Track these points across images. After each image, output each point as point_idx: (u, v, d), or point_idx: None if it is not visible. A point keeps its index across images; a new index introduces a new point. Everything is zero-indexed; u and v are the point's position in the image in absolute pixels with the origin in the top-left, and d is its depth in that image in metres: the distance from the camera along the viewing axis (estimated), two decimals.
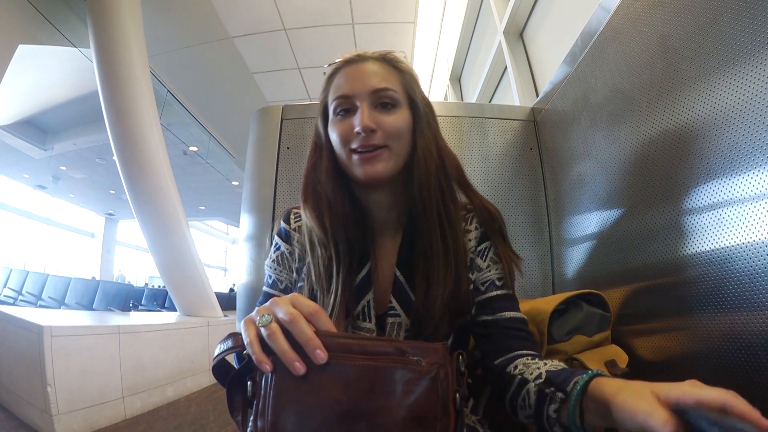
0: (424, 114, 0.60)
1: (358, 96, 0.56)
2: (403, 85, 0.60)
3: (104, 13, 2.98)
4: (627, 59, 0.76)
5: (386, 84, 0.57)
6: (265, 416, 0.37)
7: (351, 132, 0.56)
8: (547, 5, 1.60)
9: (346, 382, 0.37)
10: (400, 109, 0.58)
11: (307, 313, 0.40)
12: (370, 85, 0.56)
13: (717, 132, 0.55)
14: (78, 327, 2.30)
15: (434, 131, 0.62)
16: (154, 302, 4.98)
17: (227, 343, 0.44)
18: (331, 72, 0.62)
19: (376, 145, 0.56)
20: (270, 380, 0.38)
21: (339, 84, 0.59)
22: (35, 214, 10.05)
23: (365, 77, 0.57)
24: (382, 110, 0.57)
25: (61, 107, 5.44)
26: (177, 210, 3.25)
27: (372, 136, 0.55)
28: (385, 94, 0.57)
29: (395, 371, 0.37)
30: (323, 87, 0.63)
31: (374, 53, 0.61)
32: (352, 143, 0.56)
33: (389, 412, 0.37)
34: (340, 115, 0.58)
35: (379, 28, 3.84)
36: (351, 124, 0.56)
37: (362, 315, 0.58)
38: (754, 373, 0.49)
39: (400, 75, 0.60)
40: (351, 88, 0.57)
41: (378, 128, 0.55)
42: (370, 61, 0.59)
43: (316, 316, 0.40)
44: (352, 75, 0.58)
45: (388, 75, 0.59)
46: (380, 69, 0.59)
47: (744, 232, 0.50)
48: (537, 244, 1.12)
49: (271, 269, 0.66)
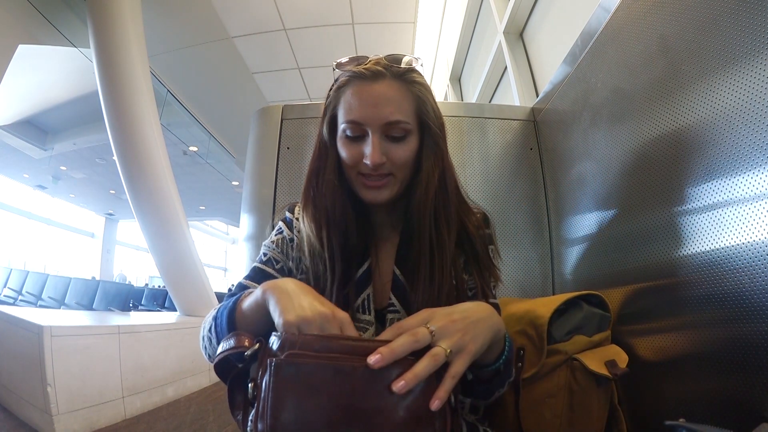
0: (434, 135, 0.59)
1: (370, 125, 0.56)
2: (415, 110, 0.58)
3: (104, 13, 2.98)
4: (627, 59, 0.76)
5: (399, 116, 0.55)
6: (265, 418, 0.37)
7: (360, 160, 0.57)
8: (547, 5, 1.60)
9: (344, 383, 0.37)
10: (410, 137, 0.58)
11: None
12: (384, 117, 0.55)
13: (717, 132, 0.55)
14: (78, 327, 2.30)
15: (441, 153, 0.60)
16: (154, 302, 4.97)
17: (230, 342, 0.44)
18: (342, 82, 0.59)
19: (384, 174, 0.57)
20: (269, 382, 0.38)
21: (350, 105, 0.56)
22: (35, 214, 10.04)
23: (378, 105, 0.55)
24: (392, 141, 0.57)
25: (61, 107, 5.43)
26: (177, 210, 3.25)
27: (380, 167, 0.56)
28: (397, 127, 0.56)
29: (392, 371, 0.37)
30: (332, 94, 0.60)
31: (388, 65, 0.57)
32: (361, 169, 0.57)
33: (387, 413, 0.37)
34: (350, 138, 0.58)
35: (379, 28, 3.84)
36: (360, 152, 0.56)
37: (361, 308, 0.60)
38: (755, 374, 0.49)
39: (414, 98, 0.58)
40: (363, 115, 0.55)
41: (387, 160, 0.56)
42: (385, 83, 0.56)
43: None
44: (365, 99, 0.56)
45: (402, 102, 0.56)
46: (395, 94, 0.56)
47: (744, 232, 0.50)
48: (537, 244, 1.12)
49: (269, 248, 0.66)
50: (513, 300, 0.91)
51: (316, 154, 0.64)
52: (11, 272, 5.94)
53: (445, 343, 0.39)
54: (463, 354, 0.40)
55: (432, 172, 0.59)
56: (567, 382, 0.70)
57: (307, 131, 1.19)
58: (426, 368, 0.37)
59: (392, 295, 0.60)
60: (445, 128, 0.62)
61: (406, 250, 0.61)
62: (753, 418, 0.49)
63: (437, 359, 0.38)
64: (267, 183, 1.14)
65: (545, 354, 0.72)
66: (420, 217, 0.58)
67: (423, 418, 0.37)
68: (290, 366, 0.38)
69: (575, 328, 0.73)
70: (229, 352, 0.43)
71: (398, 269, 0.61)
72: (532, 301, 0.82)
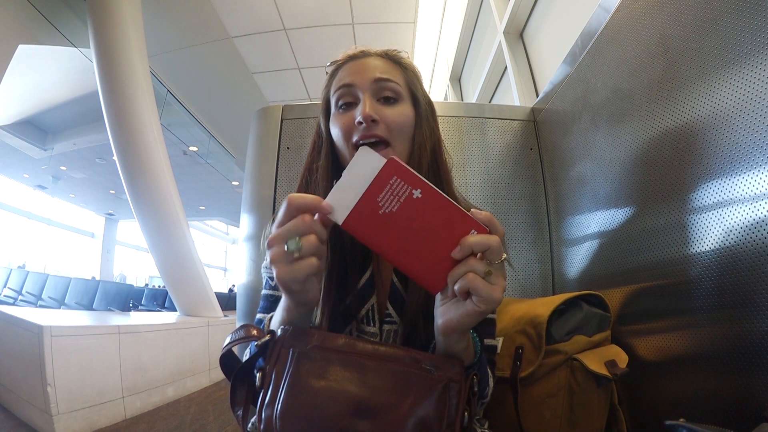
0: (424, 111, 0.60)
1: (360, 86, 0.56)
2: (405, 81, 0.59)
3: (104, 13, 2.99)
4: (627, 59, 0.76)
5: (388, 75, 0.57)
6: (274, 404, 0.38)
7: (352, 124, 0.55)
8: (547, 5, 1.60)
9: (360, 377, 0.39)
10: (402, 103, 0.58)
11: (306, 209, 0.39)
12: (373, 75, 0.56)
13: (717, 132, 0.55)
14: (78, 327, 2.30)
15: (432, 129, 0.61)
16: (154, 302, 4.98)
17: (239, 333, 0.44)
18: (334, 68, 0.62)
19: (378, 136, 0.54)
20: (289, 369, 0.39)
21: (342, 77, 0.58)
22: (35, 214, 10.05)
23: (368, 69, 0.57)
24: (384, 103, 0.56)
25: (61, 107, 5.44)
26: (177, 210, 3.25)
27: (374, 126, 0.54)
28: (387, 85, 0.56)
29: (409, 376, 0.38)
30: (325, 84, 0.62)
31: (377, 50, 0.61)
32: (354, 136, 0.55)
33: (397, 414, 0.37)
34: (342, 108, 0.57)
35: (379, 28, 3.84)
36: (353, 116, 0.55)
37: (366, 319, 0.56)
38: (755, 374, 0.49)
39: (403, 71, 0.60)
40: (353, 78, 0.56)
41: (380, 120, 0.54)
42: (373, 56, 0.59)
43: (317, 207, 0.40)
44: (354, 68, 0.58)
45: (391, 69, 0.59)
46: (383, 63, 0.59)
47: (744, 232, 0.50)
48: (537, 244, 1.12)
49: (269, 272, 0.63)
50: (513, 300, 0.91)
51: (310, 149, 0.63)
52: (11, 272, 5.94)
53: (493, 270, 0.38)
54: (497, 289, 0.37)
55: (424, 143, 0.58)
56: (567, 382, 0.70)
57: (307, 131, 1.19)
58: (477, 242, 0.36)
59: (389, 304, 0.56)
60: (435, 111, 0.63)
61: None
62: (753, 418, 0.49)
63: (485, 254, 0.37)
64: (267, 183, 1.14)
65: (543, 353, 0.72)
66: None
67: (430, 428, 0.38)
68: (313, 357, 0.40)
69: (575, 328, 0.73)
70: (238, 341, 0.44)
71: (396, 276, 0.57)
72: (531, 301, 0.82)
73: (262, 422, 0.38)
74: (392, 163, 0.38)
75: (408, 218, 0.38)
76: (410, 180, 0.38)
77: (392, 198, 0.38)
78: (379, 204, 0.38)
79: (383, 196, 0.38)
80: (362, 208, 0.38)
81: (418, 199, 0.38)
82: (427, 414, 0.38)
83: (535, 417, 0.70)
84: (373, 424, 0.37)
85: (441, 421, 0.38)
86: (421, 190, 0.38)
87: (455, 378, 0.40)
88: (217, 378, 3.49)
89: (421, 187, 0.38)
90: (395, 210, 0.38)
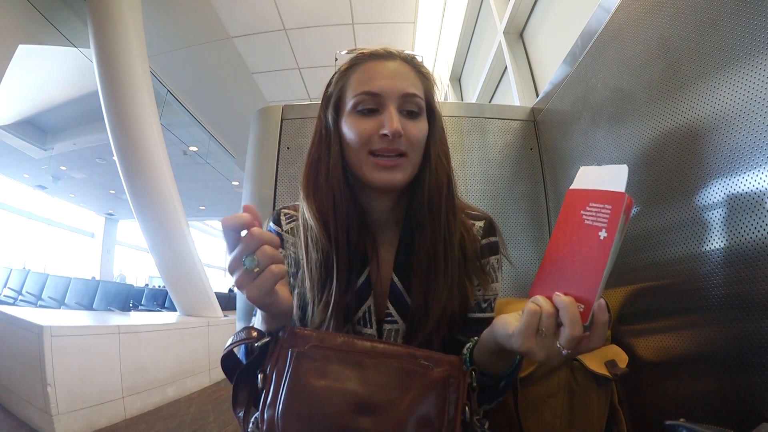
0: (438, 120, 0.59)
1: (388, 97, 0.54)
2: (425, 92, 0.58)
3: (104, 13, 2.98)
4: (627, 59, 0.76)
5: (415, 90, 0.56)
6: (275, 405, 0.39)
7: (375, 133, 0.53)
8: (547, 5, 1.60)
9: (360, 374, 0.39)
10: (422, 117, 0.57)
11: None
12: (402, 89, 0.54)
13: (717, 132, 0.55)
14: (78, 327, 2.30)
15: (444, 140, 0.61)
16: (154, 302, 4.97)
17: (241, 335, 0.45)
18: (352, 62, 0.58)
19: (400, 151, 0.53)
20: (289, 369, 0.40)
21: (365, 78, 0.55)
22: (35, 214, 10.04)
23: (396, 77, 0.55)
24: (407, 117, 0.55)
25: (61, 107, 5.43)
26: (177, 210, 3.25)
27: (398, 141, 0.53)
28: (413, 100, 0.55)
29: (408, 372, 0.39)
30: (338, 76, 0.59)
31: (400, 52, 0.58)
32: (374, 145, 0.53)
33: (397, 410, 0.38)
34: (363, 113, 0.54)
35: (379, 28, 3.84)
36: (374, 126, 0.53)
37: (362, 321, 0.56)
38: (755, 374, 0.49)
39: (424, 81, 0.59)
40: (381, 86, 0.54)
41: (404, 135, 0.53)
42: (399, 62, 0.57)
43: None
44: (381, 72, 0.55)
45: (416, 81, 0.57)
46: (409, 72, 0.57)
47: (743, 232, 0.50)
48: (537, 244, 1.12)
49: None
50: (513, 300, 0.91)
51: (316, 141, 0.59)
52: (11, 272, 5.94)
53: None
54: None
55: (441, 157, 0.58)
56: (567, 382, 0.70)
57: (307, 131, 1.19)
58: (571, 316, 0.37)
59: (390, 304, 0.57)
60: (442, 120, 0.63)
61: (405, 255, 0.58)
62: (753, 418, 0.49)
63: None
64: (267, 183, 1.14)
65: None
66: (435, 203, 0.55)
67: (431, 423, 0.38)
68: (311, 356, 0.40)
69: None
70: (239, 343, 0.44)
71: (396, 276, 0.57)
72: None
73: (264, 422, 0.38)
74: (629, 202, 0.39)
75: (580, 242, 0.40)
76: (614, 221, 0.39)
77: (595, 217, 0.40)
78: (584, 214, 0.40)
79: (593, 211, 0.40)
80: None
81: (600, 238, 0.39)
82: (428, 410, 0.38)
83: (535, 417, 0.70)
84: (373, 421, 0.37)
85: (442, 417, 0.38)
86: (607, 236, 0.38)
87: (454, 374, 0.40)
88: (217, 378, 3.49)
89: (609, 233, 0.38)
90: (584, 225, 0.40)
